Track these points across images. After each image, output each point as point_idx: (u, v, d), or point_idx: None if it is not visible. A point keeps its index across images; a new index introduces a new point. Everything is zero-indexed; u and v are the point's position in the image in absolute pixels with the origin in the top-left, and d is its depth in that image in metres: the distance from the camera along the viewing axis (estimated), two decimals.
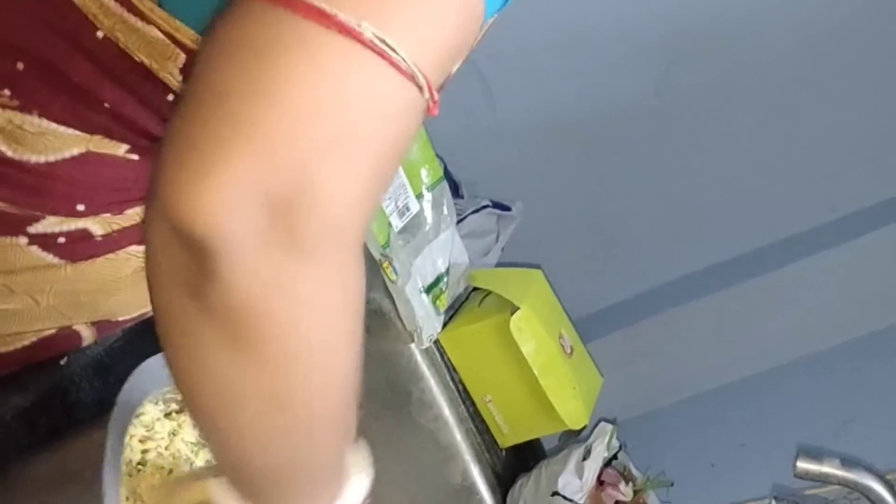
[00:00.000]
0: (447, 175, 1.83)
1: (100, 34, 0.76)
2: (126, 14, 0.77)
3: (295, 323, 0.60)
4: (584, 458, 1.71)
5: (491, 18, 0.71)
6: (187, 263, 0.59)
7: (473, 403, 1.75)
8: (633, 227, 2.19)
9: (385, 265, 1.60)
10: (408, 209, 1.68)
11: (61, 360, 1.05)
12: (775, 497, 1.64)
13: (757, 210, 2.13)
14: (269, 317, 0.59)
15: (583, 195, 2.19)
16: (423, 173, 1.73)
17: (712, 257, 2.19)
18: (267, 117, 0.56)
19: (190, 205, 0.56)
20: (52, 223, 0.86)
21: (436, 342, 1.71)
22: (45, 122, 0.79)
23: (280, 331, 0.60)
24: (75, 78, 0.77)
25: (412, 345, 1.67)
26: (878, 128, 1.99)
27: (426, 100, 0.61)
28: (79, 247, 0.89)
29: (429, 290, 1.69)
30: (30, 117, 0.79)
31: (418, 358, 1.68)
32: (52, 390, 1.05)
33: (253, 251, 0.57)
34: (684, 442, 2.06)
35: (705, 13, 1.94)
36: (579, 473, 1.69)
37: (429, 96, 0.61)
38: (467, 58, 0.92)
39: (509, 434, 1.77)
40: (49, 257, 0.88)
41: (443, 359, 1.72)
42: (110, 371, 0.97)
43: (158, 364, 0.93)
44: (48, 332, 0.96)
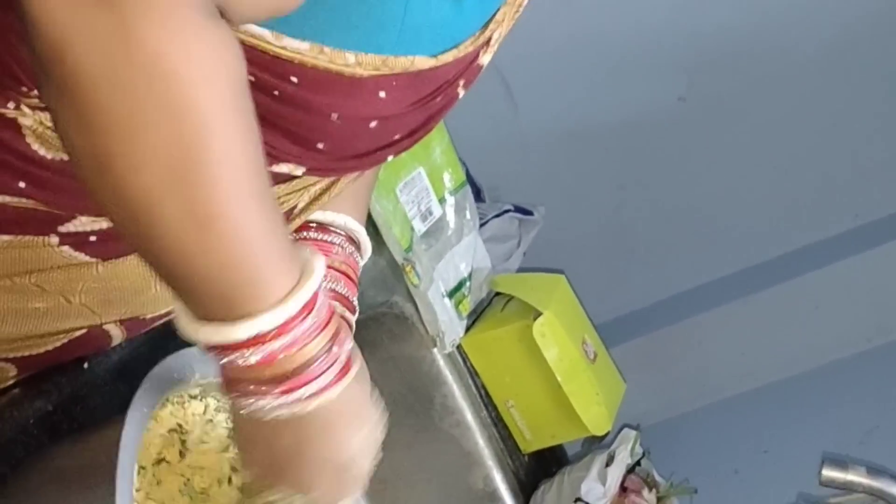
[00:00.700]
0: (469, 179, 1.82)
1: None
2: None
3: (100, 70, 0.59)
4: (608, 465, 1.70)
5: None
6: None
7: (496, 409, 1.75)
8: (657, 232, 2.19)
9: (408, 269, 1.59)
10: (430, 213, 1.68)
11: (84, 363, 1.05)
12: None
13: (780, 217, 2.13)
14: (79, 66, 0.59)
15: (605, 200, 2.19)
16: (446, 177, 1.73)
17: (736, 264, 2.19)
18: None
19: None
20: (82, 222, 0.86)
21: (458, 347, 1.70)
22: None
23: (86, 78, 0.60)
24: None
25: (434, 350, 1.67)
26: None
27: None
28: (110, 245, 0.89)
29: (451, 294, 1.69)
30: None
31: (441, 363, 1.68)
32: (74, 394, 1.05)
33: None
34: (708, 448, 2.06)
35: (729, 22, 1.95)
36: (602, 480, 1.68)
37: None
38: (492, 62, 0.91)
39: (532, 440, 1.77)
40: (81, 256, 0.89)
41: (465, 364, 1.72)
42: (133, 375, 0.96)
43: (177, 362, 0.93)
44: (79, 332, 0.97)
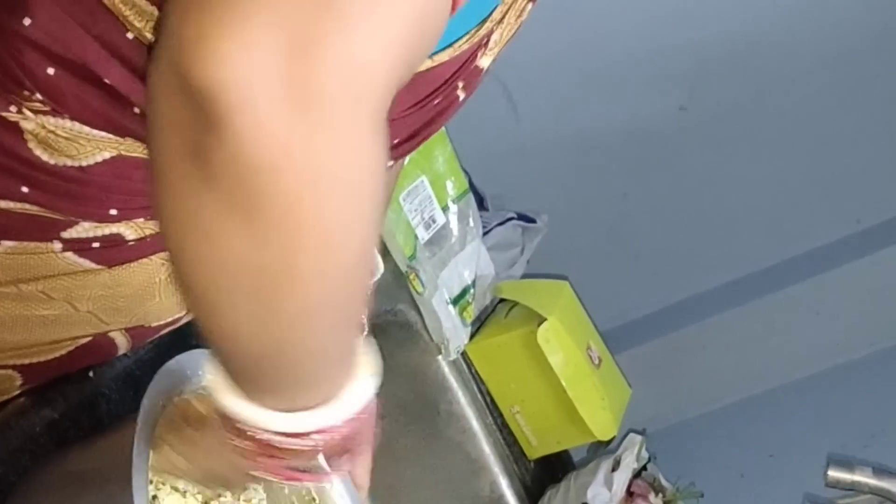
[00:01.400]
0: (472, 188, 1.83)
1: (130, 35, 0.75)
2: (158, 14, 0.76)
3: (304, 191, 0.55)
4: (614, 470, 1.70)
5: None
6: (193, 119, 0.55)
7: (501, 415, 1.75)
8: (659, 239, 2.20)
9: (412, 277, 1.60)
10: (434, 221, 1.68)
11: (90, 372, 1.05)
12: None
13: (783, 222, 2.13)
14: (276, 181, 0.55)
15: (608, 208, 2.20)
16: (449, 185, 1.73)
17: (739, 269, 2.19)
18: None
19: (204, 51, 0.53)
20: (85, 228, 0.86)
21: (463, 354, 1.71)
22: (78, 125, 0.79)
23: (286, 198, 0.55)
24: (107, 80, 0.77)
25: (439, 357, 1.67)
26: None
27: None
28: (113, 252, 0.89)
29: (455, 301, 1.69)
30: (62, 121, 0.78)
31: (445, 370, 1.68)
32: (81, 402, 1.05)
33: (265, 103, 0.53)
34: (714, 453, 2.06)
35: (730, 31, 1.96)
36: (609, 485, 1.68)
37: None
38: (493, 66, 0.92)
39: (538, 446, 1.77)
40: (85, 262, 0.88)
41: (470, 371, 1.72)
42: (140, 383, 0.96)
43: (188, 361, 0.93)
44: (84, 340, 0.96)
